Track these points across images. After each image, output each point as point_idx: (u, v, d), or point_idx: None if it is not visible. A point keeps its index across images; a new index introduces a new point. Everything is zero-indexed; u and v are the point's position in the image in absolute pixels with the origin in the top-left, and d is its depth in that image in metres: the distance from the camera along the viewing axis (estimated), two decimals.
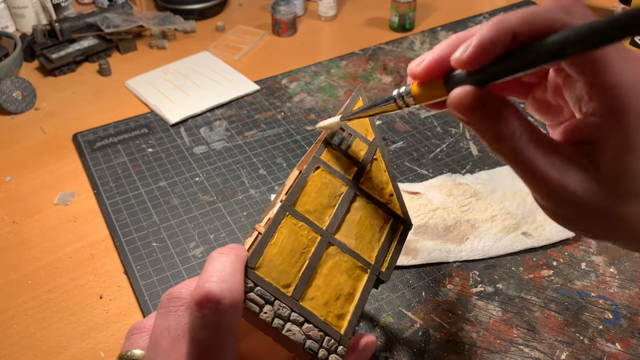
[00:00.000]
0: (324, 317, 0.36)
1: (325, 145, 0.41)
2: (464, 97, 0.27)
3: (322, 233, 0.38)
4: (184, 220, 0.65)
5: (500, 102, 0.28)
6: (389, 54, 0.95)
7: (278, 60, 0.96)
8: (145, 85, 0.89)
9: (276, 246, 0.36)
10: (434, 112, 0.81)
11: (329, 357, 0.35)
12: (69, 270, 0.61)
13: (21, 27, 1.04)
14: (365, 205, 0.41)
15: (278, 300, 0.34)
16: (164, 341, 0.31)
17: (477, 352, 0.51)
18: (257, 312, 0.33)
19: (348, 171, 0.41)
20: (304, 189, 0.38)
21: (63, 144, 0.78)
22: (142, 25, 0.99)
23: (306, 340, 0.34)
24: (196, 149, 0.76)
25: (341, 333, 0.36)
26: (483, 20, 1.03)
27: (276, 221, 0.36)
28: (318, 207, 0.38)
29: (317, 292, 0.36)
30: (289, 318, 0.34)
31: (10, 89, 0.83)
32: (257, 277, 0.34)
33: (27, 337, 0.55)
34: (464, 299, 0.55)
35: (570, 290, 0.56)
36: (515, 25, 0.26)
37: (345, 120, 0.39)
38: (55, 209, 0.68)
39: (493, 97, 0.27)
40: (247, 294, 0.33)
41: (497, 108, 0.27)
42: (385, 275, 0.40)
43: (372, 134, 0.44)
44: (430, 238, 0.60)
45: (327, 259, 0.37)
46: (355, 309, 0.37)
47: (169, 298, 0.33)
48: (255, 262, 0.34)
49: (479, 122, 0.28)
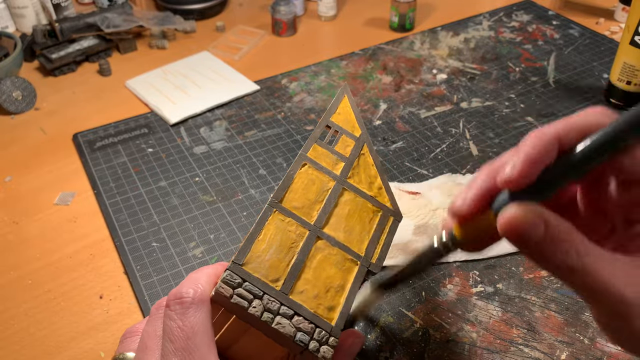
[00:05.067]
0: (314, 310, 0.36)
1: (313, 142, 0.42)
2: (520, 219, 0.24)
3: (310, 227, 0.38)
4: (184, 220, 0.65)
5: (559, 217, 0.25)
6: (389, 54, 0.95)
7: (278, 60, 0.96)
8: (146, 85, 0.89)
9: (264, 242, 0.36)
10: (434, 112, 0.81)
11: (320, 348, 0.35)
12: (69, 270, 0.61)
13: (21, 27, 1.04)
14: (354, 199, 0.41)
15: (267, 294, 0.35)
16: (150, 342, 0.34)
17: (477, 352, 0.51)
18: (245, 307, 0.34)
19: (335, 167, 0.42)
20: (291, 186, 0.39)
21: (63, 144, 0.78)
22: (142, 25, 0.99)
23: (296, 332, 0.34)
24: (196, 149, 0.76)
25: (332, 325, 0.36)
26: (483, 20, 1.03)
27: (263, 218, 0.37)
28: (305, 203, 0.39)
29: (307, 286, 0.36)
30: (279, 311, 0.35)
31: (10, 89, 0.83)
32: (245, 273, 0.35)
33: (27, 337, 0.55)
34: (464, 299, 0.55)
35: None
36: (559, 129, 0.25)
37: (382, 292, 0.40)
38: (55, 209, 0.68)
39: (552, 213, 0.25)
40: (235, 289, 0.34)
41: (560, 223, 0.24)
42: (376, 267, 0.40)
43: (358, 130, 0.45)
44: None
45: (316, 253, 0.38)
46: (346, 300, 0.37)
47: (157, 307, 0.36)
48: (243, 259, 0.35)
49: (545, 246, 0.24)
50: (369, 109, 0.82)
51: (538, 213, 0.24)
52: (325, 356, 0.35)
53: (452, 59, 0.93)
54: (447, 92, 0.85)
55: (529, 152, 0.25)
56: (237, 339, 0.36)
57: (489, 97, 0.84)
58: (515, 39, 0.98)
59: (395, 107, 0.82)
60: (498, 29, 1.00)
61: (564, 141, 0.25)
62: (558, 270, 0.25)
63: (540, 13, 1.05)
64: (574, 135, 0.25)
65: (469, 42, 0.97)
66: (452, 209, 0.29)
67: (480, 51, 0.95)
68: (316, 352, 0.35)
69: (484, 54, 0.94)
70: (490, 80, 0.87)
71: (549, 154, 0.25)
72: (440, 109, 0.81)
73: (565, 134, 0.25)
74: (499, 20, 1.03)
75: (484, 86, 0.86)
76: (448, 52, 0.95)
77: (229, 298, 0.34)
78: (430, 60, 0.93)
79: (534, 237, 0.24)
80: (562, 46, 0.95)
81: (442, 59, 0.93)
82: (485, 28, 1.01)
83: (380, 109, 0.82)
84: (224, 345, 0.37)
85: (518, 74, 0.88)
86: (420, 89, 0.86)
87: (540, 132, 0.25)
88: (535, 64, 0.91)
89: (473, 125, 0.78)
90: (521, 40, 0.97)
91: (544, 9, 1.06)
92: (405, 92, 0.85)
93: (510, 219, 0.24)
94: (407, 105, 0.82)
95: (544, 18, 1.03)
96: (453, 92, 0.85)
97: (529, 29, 1.00)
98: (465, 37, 0.99)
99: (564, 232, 0.24)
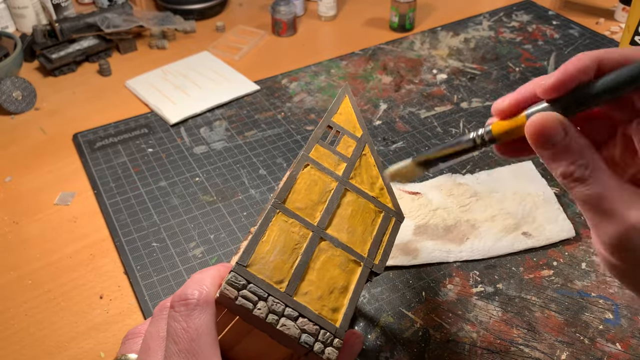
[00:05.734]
0: (319, 311, 0.36)
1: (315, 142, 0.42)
2: (545, 121, 0.27)
3: (314, 229, 0.38)
4: (184, 220, 0.65)
5: (580, 133, 0.27)
6: (389, 54, 0.95)
7: (278, 60, 0.96)
8: (146, 85, 0.89)
9: (267, 243, 0.36)
10: (434, 112, 0.81)
11: (325, 350, 0.35)
12: (69, 270, 0.61)
13: (21, 27, 1.04)
14: (356, 200, 0.41)
15: (271, 296, 0.35)
16: (153, 343, 0.34)
17: (477, 352, 0.51)
18: (250, 308, 0.34)
19: (337, 168, 0.42)
20: (294, 186, 0.39)
21: (63, 144, 0.78)
22: (142, 25, 0.99)
23: (301, 334, 0.34)
24: (196, 149, 0.76)
25: (336, 326, 0.36)
26: (483, 20, 1.03)
27: (267, 219, 0.37)
28: (308, 204, 0.39)
29: (311, 287, 0.36)
30: (283, 313, 0.35)
31: (10, 89, 0.83)
32: (250, 275, 0.35)
33: (27, 337, 0.55)
34: (464, 299, 0.55)
35: (571, 290, 0.56)
36: (598, 54, 0.27)
37: (419, 166, 0.37)
38: (55, 209, 0.68)
39: (574, 127, 0.27)
40: (240, 291, 0.34)
41: (578, 136, 0.27)
42: (379, 268, 0.40)
43: (360, 130, 0.45)
44: (430, 238, 0.60)
45: (320, 254, 0.38)
46: (349, 302, 0.37)
47: (160, 309, 0.36)
48: (247, 260, 0.35)
49: (560, 151, 0.27)
50: (369, 109, 0.82)
51: (561, 120, 0.27)
52: (330, 357, 0.35)
53: (452, 59, 0.93)
54: (447, 92, 0.85)
55: (567, 67, 0.27)
56: (240, 340, 0.36)
57: (489, 97, 0.84)
58: (515, 39, 0.98)
59: (395, 107, 0.82)
60: (498, 29, 1.00)
61: (604, 65, 0.27)
62: (564, 177, 0.28)
63: (540, 13, 1.05)
64: (615, 61, 0.27)
65: (469, 42, 0.97)
66: (494, 106, 0.31)
67: (480, 51, 0.95)
68: (321, 354, 0.35)
69: (484, 54, 0.94)
70: (490, 80, 0.87)
71: (586, 72, 0.27)
72: (440, 109, 0.81)
73: (607, 58, 0.28)
74: (499, 20, 1.03)
75: (484, 86, 0.86)
76: (448, 52, 0.95)
77: (233, 300, 0.34)
78: (430, 60, 0.93)
79: (553, 140, 0.27)
80: (562, 46, 0.95)
81: (442, 59, 0.93)
82: (485, 28, 1.01)
83: (380, 109, 0.82)
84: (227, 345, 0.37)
85: (518, 74, 0.88)
86: (420, 89, 0.86)
87: (583, 54, 0.28)
88: (535, 64, 0.91)
89: (473, 126, 0.78)
90: (521, 40, 0.97)
91: (544, 9, 1.06)
92: (405, 92, 0.85)
93: (536, 121, 0.27)
94: (407, 105, 0.82)
95: (544, 18, 1.03)
96: (453, 92, 0.85)
97: (529, 29, 1.00)
98: (465, 37, 0.99)
99: (580, 145, 0.27)
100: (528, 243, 0.60)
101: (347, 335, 0.38)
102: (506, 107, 0.31)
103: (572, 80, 0.27)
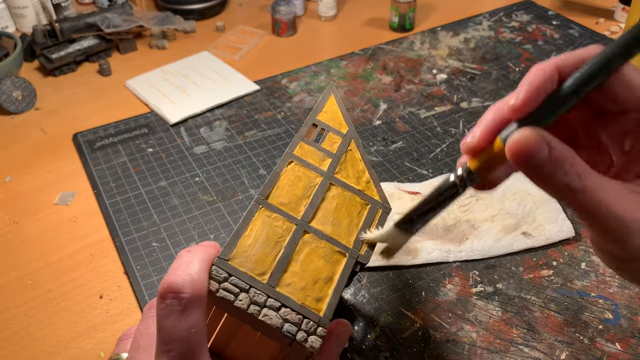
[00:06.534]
0: (302, 301, 0.36)
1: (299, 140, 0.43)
2: (526, 139, 0.26)
3: (297, 222, 0.39)
4: (184, 220, 0.65)
5: (563, 143, 0.27)
6: (389, 54, 0.95)
7: (278, 60, 0.96)
8: (146, 85, 0.89)
9: (250, 237, 0.37)
10: (434, 112, 0.81)
11: (308, 338, 0.35)
12: (69, 270, 0.61)
13: (21, 27, 1.04)
14: (342, 194, 0.42)
15: (253, 287, 0.35)
16: (142, 340, 0.34)
17: (477, 352, 0.51)
18: (231, 300, 0.34)
19: (322, 163, 0.42)
20: (277, 182, 0.40)
21: (63, 144, 0.78)
22: (142, 25, 0.99)
23: (284, 324, 0.34)
24: (196, 149, 0.76)
25: (320, 315, 0.36)
26: (483, 20, 1.03)
27: (249, 215, 0.38)
28: (292, 199, 0.40)
29: (294, 278, 0.36)
30: (265, 304, 0.35)
31: (10, 89, 0.83)
32: (231, 267, 0.35)
33: (27, 337, 0.55)
34: (463, 299, 0.55)
35: (570, 290, 0.56)
36: (555, 61, 0.27)
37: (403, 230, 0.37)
38: (55, 209, 0.68)
39: (555, 138, 0.26)
40: (221, 284, 0.34)
41: (562, 146, 0.26)
42: (365, 258, 0.40)
43: (345, 126, 0.45)
44: (430, 238, 0.60)
45: (304, 246, 0.38)
46: (334, 291, 0.37)
47: (149, 307, 0.35)
48: (229, 254, 0.36)
49: (549, 165, 0.26)
50: (369, 109, 0.82)
51: (542, 136, 0.26)
52: (313, 346, 0.35)
53: (452, 59, 0.93)
54: (447, 92, 0.85)
55: (531, 82, 0.27)
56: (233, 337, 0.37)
57: (489, 97, 0.84)
58: (515, 39, 0.98)
59: (395, 107, 0.82)
60: (498, 29, 1.00)
61: (563, 71, 0.27)
62: (560, 192, 0.27)
63: (540, 13, 1.05)
64: (572, 65, 0.28)
65: (469, 42, 0.97)
66: (463, 145, 0.30)
67: (480, 51, 0.95)
68: (304, 342, 0.35)
69: (484, 54, 0.94)
70: (490, 80, 0.87)
71: (549, 83, 0.27)
72: (440, 109, 0.81)
73: (564, 65, 0.28)
74: (499, 20, 1.03)
75: (484, 86, 0.86)
76: (448, 52, 0.95)
77: (214, 292, 0.34)
78: (430, 60, 0.93)
79: (539, 158, 0.26)
80: (562, 46, 0.95)
81: (442, 59, 0.93)
82: (485, 28, 1.01)
83: (380, 109, 0.82)
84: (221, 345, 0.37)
85: (518, 74, 0.88)
86: (420, 89, 0.86)
87: (540, 65, 0.28)
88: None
89: (473, 125, 0.78)
90: (521, 40, 0.97)
91: (544, 9, 1.06)
92: (405, 92, 0.85)
93: (517, 142, 0.26)
94: (407, 105, 0.82)
95: (544, 18, 1.03)
96: (453, 92, 0.85)
97: (529, 29, 1.00)
98: (465, 37, 0.99)
99: (566, 155, 0.26)
100: (528, 243, 0.60)
101: (333, 324, 0.38)
102: (477, 142, 0.29)
103: (540, 93, 0.27)
